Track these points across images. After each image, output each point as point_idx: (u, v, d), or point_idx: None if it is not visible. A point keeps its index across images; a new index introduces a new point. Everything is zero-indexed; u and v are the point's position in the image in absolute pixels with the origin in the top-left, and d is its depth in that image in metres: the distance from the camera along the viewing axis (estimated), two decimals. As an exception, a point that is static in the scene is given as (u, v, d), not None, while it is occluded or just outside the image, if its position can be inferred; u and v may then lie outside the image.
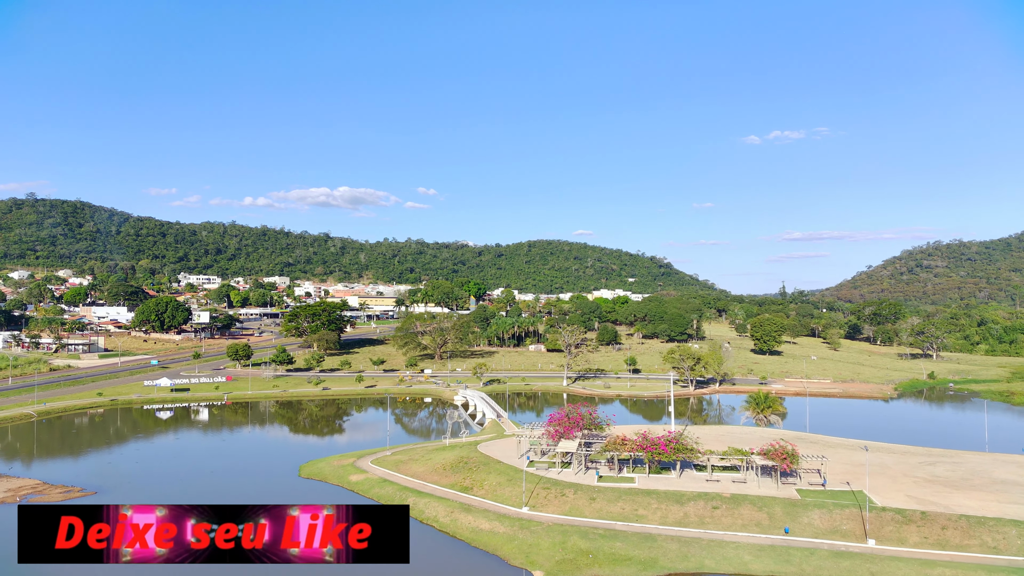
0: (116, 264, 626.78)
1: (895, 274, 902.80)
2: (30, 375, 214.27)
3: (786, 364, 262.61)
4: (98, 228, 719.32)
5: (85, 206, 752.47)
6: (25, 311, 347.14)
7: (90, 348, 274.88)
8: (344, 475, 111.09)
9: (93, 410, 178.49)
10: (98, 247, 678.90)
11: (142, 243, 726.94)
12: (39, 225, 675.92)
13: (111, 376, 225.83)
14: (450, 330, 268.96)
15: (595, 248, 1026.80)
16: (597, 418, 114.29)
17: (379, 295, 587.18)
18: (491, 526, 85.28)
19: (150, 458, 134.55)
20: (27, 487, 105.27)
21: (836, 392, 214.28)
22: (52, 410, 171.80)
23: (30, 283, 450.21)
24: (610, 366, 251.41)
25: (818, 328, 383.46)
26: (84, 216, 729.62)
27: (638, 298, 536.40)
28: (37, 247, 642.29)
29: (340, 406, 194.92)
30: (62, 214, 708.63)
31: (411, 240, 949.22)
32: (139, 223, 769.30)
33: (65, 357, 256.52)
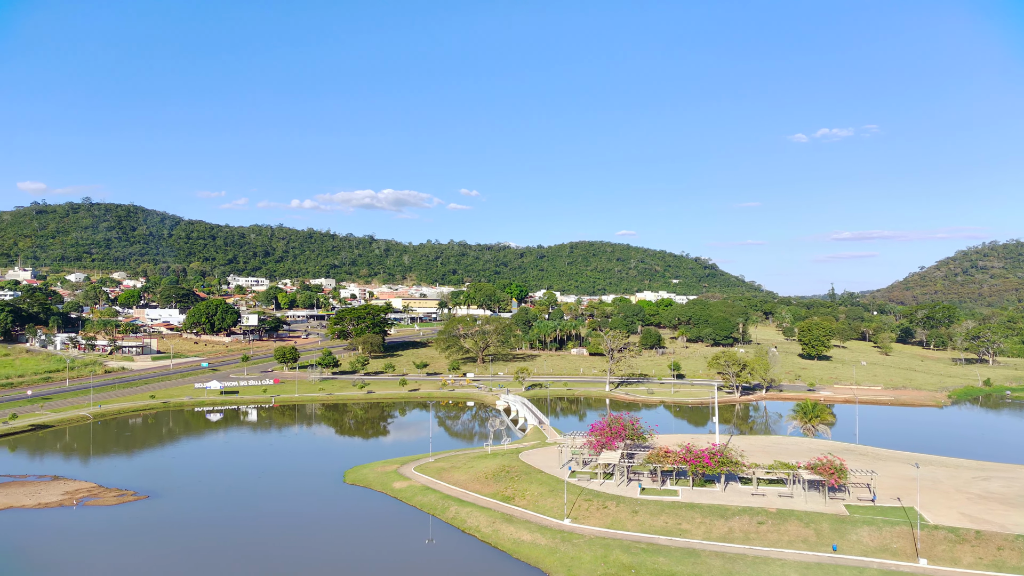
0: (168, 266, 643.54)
1: (949, 275, 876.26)
2: (86, 377, 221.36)
3: (835, 370, 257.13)
4: (151, 231, 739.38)
5: (138, 210, 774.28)
6: (81, 313, 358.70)
7: (143, 350, 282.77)
8: (388, 482, 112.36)
9: (146, 412, 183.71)
10: (151, 250, 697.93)
11: (193, 246, 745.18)
12: (94, 229, 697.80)
13: (163, 378, 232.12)
14: (492, 333, 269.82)
15: (638, 249, 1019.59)
16: (640, 428, 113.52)
17: (422, 297, 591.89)
18: (532, 538, 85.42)
19: (201, 460, 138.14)
20: (83, 490, 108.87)
21: (887, 400, 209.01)
22: (107, 412, 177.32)
23: (86, 285, 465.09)
24: (653, 371, 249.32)
25: (868, 332, 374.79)
26: (137, 219, 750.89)
27: (682, 300, 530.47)
28: (93, 250, 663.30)
29: (384, 409, 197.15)
30: (116, 218, 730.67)
31: (453, 242, 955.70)
32: (190, 226, 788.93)
33: (120, 359, 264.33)
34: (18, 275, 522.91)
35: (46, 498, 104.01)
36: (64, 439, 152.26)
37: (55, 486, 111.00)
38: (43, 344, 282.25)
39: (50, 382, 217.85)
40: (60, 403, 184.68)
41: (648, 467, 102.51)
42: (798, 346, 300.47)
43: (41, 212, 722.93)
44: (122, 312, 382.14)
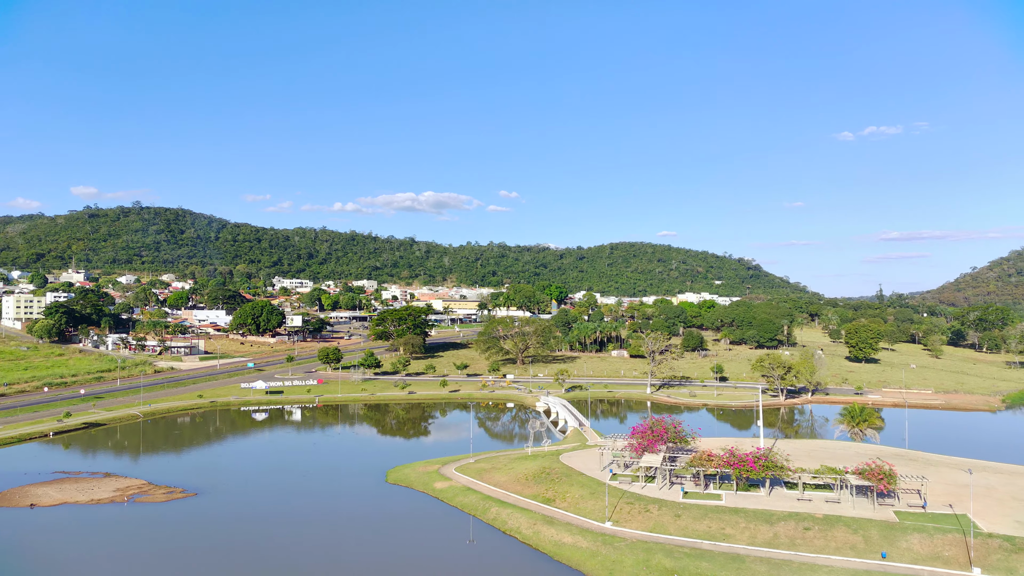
0: (215, 269, 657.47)
1: (1002, 276, 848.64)
2: (136, 377, 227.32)
3: (883, 373, 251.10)
4: (198, 234, 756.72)
5: (186, 213, 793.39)
6: (132, 314, 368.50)
7: (191, 351, 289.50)
8: (429, 482, 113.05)
9: (194, 411, 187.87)
10: (198, 252, 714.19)
11: (239, 248, 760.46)
12: (144, 232, 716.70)
13: (210, 378, 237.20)
14: (532, 335, 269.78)
15: (680, 250, 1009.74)
16: (682, 431, 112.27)
17: (462, 298, 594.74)
18: (573, 540, 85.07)
19: (246, 458, 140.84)
20: (134, 487, 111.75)
21: (938, 404, 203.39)
22: (156, 411, 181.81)
23: (137, 287, 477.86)
24: (695, 373, 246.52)
25: (918, 334, 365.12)
26: (185, 223, 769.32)
27: (725, 302, 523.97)
28: (143, 253, 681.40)
29: (425, 410, 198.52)
30: (165, 221, 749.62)
31: (493, 243, 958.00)
32: (236, 229, 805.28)
33: (169, 359, 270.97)
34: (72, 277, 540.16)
35: (98, 494, 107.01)
36: (115, 437, 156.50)
37: (107, 483, 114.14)
38: (95, 344, 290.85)
39: (102, 381, 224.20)
40: (112, 402, 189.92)
41: (691, 471, 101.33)
42: (845, 348, 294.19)
43: (93, 216, 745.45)
44: (171, 313, 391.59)
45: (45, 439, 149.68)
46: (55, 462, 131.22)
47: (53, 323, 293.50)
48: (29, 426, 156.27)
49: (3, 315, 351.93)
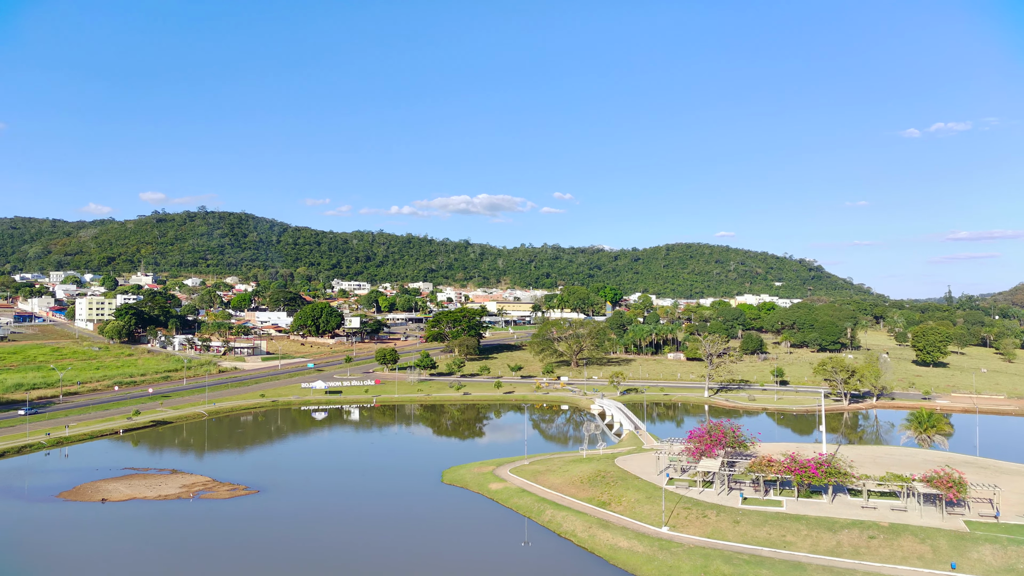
0: (277, 271, 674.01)
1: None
2: (201, 376, 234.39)
3: (952, 377, 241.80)
4: (261, 238, 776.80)
5: (249, 217, 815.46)
6: (197, 316, 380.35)
7: (254, 351, 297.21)
8: (484, 483, 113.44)
9: (256, 410, 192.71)
10: (261, 255, 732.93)
11: (299, 251, 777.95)
12: (209, 236, 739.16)
13: (272, 378, 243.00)
14: (586, 337, 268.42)
15: (738, 251, 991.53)
16: (741, 435, 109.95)
17: (516, 300, 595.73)
18: (629, 544, 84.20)
19: (307, 457, 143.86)
20: (199, 483, 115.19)
21: (1010, 409, 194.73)
22: (220, 410, 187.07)
23: (202, 289, 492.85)
24: (755, 377, 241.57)
25: (989, 337, 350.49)
26: (248, 227, 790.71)
27: (785, 304, 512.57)
28: (208, 256, 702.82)
29: (480, 411, 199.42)
30: (229, 225, 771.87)
31: (547, 245, 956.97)
32: (297, 233, 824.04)
33: (232, 360, 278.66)
34: (141, 280, 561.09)
35: (165, 490, 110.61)
36: (181, 435, 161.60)
37: (173, 479, 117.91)
38: (163, 345, 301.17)
39: (169, 381, 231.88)
40: (178, 400, 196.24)
41: (750, 476, 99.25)
42: (912, 352, 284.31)
43: (161, 221, 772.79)
44: (234, 315, 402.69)
45: (115, 436, 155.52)
46: (125, 458, 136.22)
47: (123, 324, 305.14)
48: (100, 423, 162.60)
49: (77, 316, 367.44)
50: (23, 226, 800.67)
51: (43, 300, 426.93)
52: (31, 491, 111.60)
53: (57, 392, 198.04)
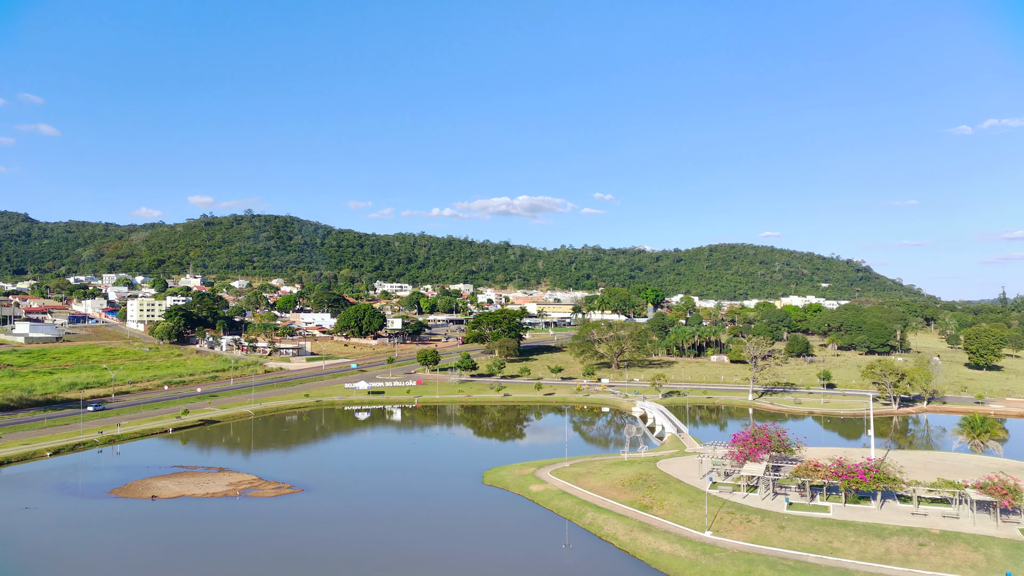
0: (321, 273, 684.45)
1: None
2: (248, 377, 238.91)
3: (1007, 381, 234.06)
4: (305, 240, 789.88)
5: (294, 220, 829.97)
6: (244, 317, 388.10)
7: (298, 352, 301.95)
8: (525, 485, 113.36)
9: (301, 410, 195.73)
10: (305, 258, 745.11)
11: (343, 253, 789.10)
12: (255, 238, 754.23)
13: (316, 378, 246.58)
14: (627, 339, 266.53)
15: (783, 251, 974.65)
16: (786, 439, 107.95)
17: (556, 302, 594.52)
18: (672, 549, 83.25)
19: (350, 456, 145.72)
20: (245, 482, 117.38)
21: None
22: (266, 409, 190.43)
23: (248, 291, 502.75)
24: (801, 380, 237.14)
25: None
26: (293, 229, 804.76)
27: (832, 305, 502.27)
28: (254, 258, 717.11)
29: (520, 412, 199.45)
30: (275, 228, 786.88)
31: (587, 246, 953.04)
32: (340, 235, 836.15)
33: (278, 360, 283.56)
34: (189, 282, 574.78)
35: (213, 488, 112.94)
36: (228, 433, 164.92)
37: (221, 477, 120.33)
38: (211, 345, 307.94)
39: (217, 380, 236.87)
40: (225, 400, 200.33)
41: (796, 481, 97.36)
42: (964, 355, 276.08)
43: (209, 224, 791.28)
44: (280, 316, 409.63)
45: (165, 434, 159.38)
46: (174, 456, 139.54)
47: (172, 325, 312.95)
48: (150, 422, 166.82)
49: (128, 318, 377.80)
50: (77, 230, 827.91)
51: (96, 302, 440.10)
52: (85, 488, 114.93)
53: (109, 391, 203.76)
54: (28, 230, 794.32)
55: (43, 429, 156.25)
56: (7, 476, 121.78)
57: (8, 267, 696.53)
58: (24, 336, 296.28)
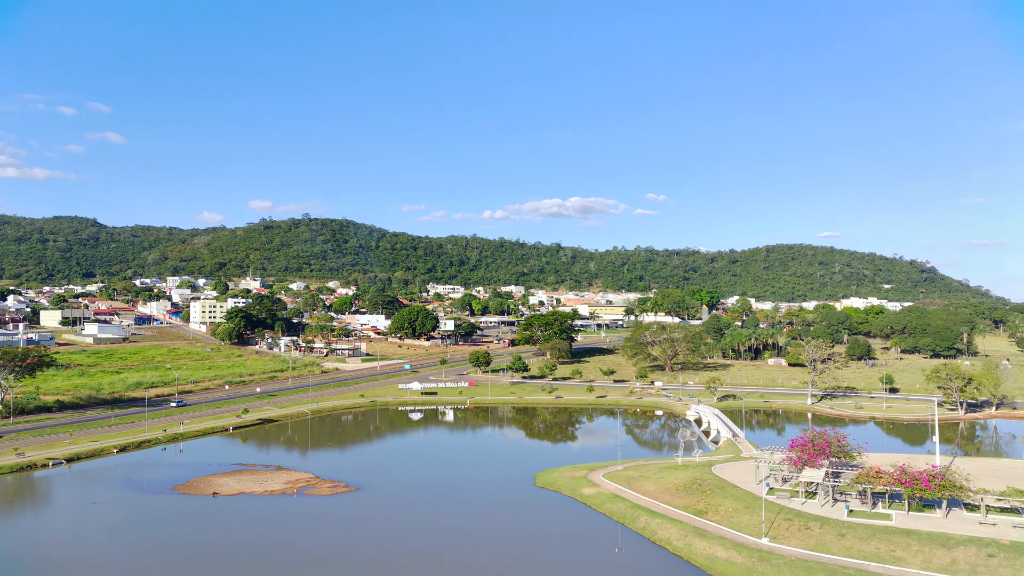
0: (375, 275, 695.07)
1: None
2: (305, 377, 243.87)
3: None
4: (360, 243, 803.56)
5: (350, 224, 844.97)
6: (302, 318, 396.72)
7: (354, 353, 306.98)
8: (577, 487, 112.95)
9: (356, 410, 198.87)
10: (360, 260, 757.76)
11: (397, 256, 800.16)
12: (312, 242, 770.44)
13: (371, 379, 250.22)
14: (681, 341, 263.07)
15: (843, 252, 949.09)
16: (846, 445, 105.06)
17: (608, 303, 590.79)
18: (727, 555, 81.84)
19: (403, 456, 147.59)
20: (302, 480, 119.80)
21: None
22: (323, 409, 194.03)
23: (305, 293, 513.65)
24: (862, 384, 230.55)
25: None
26: (349, 233, 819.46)
27: (895, 307, 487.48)
28: (311, 261, 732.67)
29: (572, 414, 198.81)
30: (331, 231, 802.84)
31: (640, 248, 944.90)
32: (394, 238, 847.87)
33: (334, 360, 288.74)
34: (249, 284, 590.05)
35: (271, 486, 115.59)
36: (286, 432, 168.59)
37: (279, 475, 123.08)
38: (269, 346, 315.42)
39: (275, 380, 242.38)
40: (283, 400, 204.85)
41: (856, 488, 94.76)
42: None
43: (268, 228, 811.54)
44: (336, 317, 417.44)
45: (225, 433, 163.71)
46: (234, 454, 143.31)
47: (233, 326, 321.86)
48: (212, 421, 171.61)
49: (191, 319, 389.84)
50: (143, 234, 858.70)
51: (160, 304, 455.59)
52: (149, 484, 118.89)
53: (173, 391, 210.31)
54: (97, 235, 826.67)
55: (110, 427, 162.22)
56: (77, 471, 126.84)
57: (78, 270, 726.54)
58: (93, 337, 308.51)
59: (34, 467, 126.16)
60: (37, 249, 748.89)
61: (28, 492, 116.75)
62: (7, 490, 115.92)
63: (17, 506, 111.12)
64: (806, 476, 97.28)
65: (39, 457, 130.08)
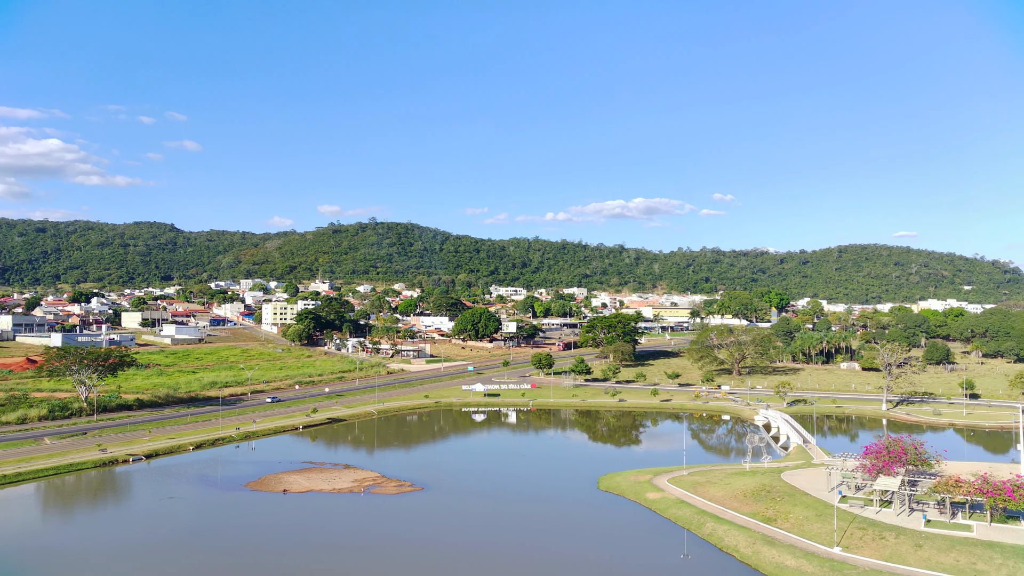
0: (439, 278, 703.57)
1: None
2: (371, 377, 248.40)
3: None
4: (424, 246, 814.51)
5: (414, 227, 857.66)
6: (368, 320, 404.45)
7: (418, 354, 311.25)
8: (641, 492, 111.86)
9: (421, 410, 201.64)
10: (424, 263, 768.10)
11: (460, 259, 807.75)
12: (379, 245, 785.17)
13: (435, 380, 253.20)
14: (749, 344, 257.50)
15: (920, 252, 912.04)
16: (924, 452, 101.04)
17: (673, 306, 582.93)
18: (797, 564, 79.75)
19: (467, 457, 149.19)
20: (369, 479, 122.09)
21: None
22: (389, 409, 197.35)
23: (372, 296, 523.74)
24: (940, 389, 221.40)
25: None
26: (413, 236, 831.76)
27: (976, 309, 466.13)
28: (377, 264, 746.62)
29: (635, 418, 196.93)
30: (396, 235, 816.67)
31: (706, 249, 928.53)
32: (457, 241, 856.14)
33: (399, 362, 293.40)
34: (318, 287, 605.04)
35: (339, 484, 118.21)
36: (354, 432, 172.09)
37: (346, 474, 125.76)
38: (337, 347, 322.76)
39: (343, 381, 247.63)
40: (350, 400, 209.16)
41: (934, 497, 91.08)
42: None
43: (336, 232, 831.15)
44: (401, 319, 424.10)
45: (295, 432, 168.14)
46: (303, 453, 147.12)
47: (303, 328, 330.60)
48: (282, 420, 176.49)
49: (263, 321, 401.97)
50: (217, 239, 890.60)
51: (234, 306, 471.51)
52: (223, 480, 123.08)
53: (246, 390, 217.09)
54: (174, 239, 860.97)
55: (187, 424, 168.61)
56: (156, 467, 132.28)
57: (157, 273, 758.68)
58: (170, 338, 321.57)
59: (115, 462, 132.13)
60: (119, 253, 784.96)
61: (110, 486, 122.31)
62: (91, 484, 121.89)
63: (100, 499, 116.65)
64: (881, 484, 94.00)
65: (120, 453, 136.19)
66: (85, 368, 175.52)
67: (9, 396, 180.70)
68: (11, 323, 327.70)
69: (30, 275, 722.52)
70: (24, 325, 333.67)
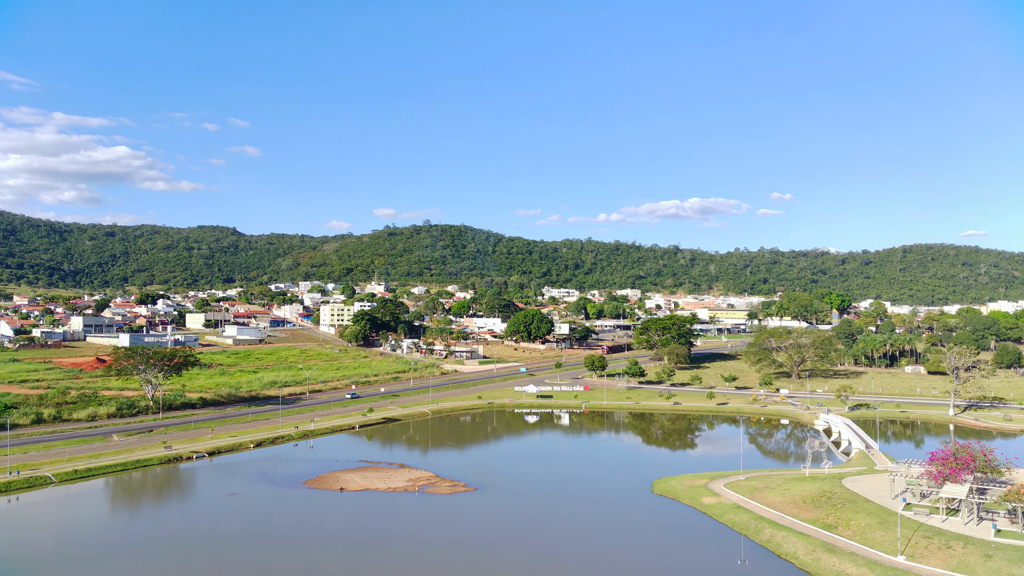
0: (492, 280, 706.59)
1: None
2: (425, 378, 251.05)
3: None
4: (477, 248, 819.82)
5: (467, 229, 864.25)
6: (422, 321, 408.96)
7: (471, 355, 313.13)
8: (697, 496, 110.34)
9: (474, 411, 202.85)
10: (477, 265, 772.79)
11: (512, 260, 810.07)
12: (432, 247, 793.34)
13: (487, 381, 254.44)
14: (809, 347, 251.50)
15: (990, 252, 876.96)
16: (993, 459, 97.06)
17: (729, 307, 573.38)
18: (859, 572, 77.54)
19: (520, 458, 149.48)
20: (423, 479, 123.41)
21: None
22: (442, 409, 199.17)
23: (426, 297, 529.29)
24: (1011, 394, 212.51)
25: None
26: (466, 238, 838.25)
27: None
28: (431, 266, 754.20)
29: (691, 421, 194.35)
30: (449, 237, 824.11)
31: (764, 249, 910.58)
32: (510, 243, 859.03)
33: (453, 363, 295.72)
34: (374, 288, 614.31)
35: (394, 483, 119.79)
36: (408, 431, 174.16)
37: (401, 473, 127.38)
38: (392, 348, 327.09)
39: (398, 381, 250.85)
40: (405, 400, 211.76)
41: (1005, 506, 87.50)
42: None
43: (391, 234, 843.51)
44: (455, 321, 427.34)
45: (352, 431, 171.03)
46: (359, 451, 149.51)
47: (359, 329, 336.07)
48: (339, 419, 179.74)
49: (321, 322, 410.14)
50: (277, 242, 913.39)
51: (293, 307, 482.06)
52: (282, 478, 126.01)
53: (304, 390, 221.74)
54: (236, 243, 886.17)
55: (248, 423, 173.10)
56: (218, 464, 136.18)
57: (219, 276, 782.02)
58: (232, 338, 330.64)
59: (180, 459, 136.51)
60: (183, 256, 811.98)
61: (174, 482, 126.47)
62: (157, 480, 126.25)
63: (165, 495, 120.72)
64: (947, 492, 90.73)
65: (184, 450, 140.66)
66: (151, 368, 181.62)
67: (80, 394, 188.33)
68: (82, 324, 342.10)
69: (99, 278, 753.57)
70: (94, 326, 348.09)
